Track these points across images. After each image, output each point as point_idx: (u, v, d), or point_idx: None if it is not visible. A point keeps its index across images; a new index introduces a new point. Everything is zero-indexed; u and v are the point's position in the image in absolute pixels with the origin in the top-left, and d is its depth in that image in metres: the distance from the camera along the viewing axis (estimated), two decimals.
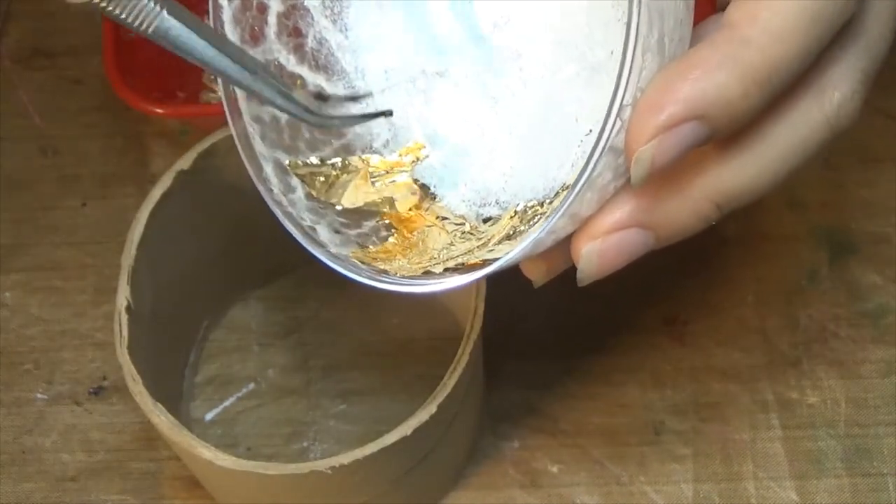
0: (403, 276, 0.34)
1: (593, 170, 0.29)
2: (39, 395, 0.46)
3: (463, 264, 0.34)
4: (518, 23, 0.36)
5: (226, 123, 0.35)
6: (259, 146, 0.36)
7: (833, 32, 0.30)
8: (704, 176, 0.31)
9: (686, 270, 0.48)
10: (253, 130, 0.36)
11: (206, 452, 0.36)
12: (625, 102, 0.28)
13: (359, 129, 0.37)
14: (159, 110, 0.48)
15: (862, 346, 0.46)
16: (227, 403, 0.46)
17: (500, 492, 0.43)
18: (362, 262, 0.35)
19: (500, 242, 0.35)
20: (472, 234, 0.36)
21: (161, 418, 0.37)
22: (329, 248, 0.35)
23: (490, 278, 0.38)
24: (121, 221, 0.49)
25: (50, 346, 0.47)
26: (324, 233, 0.35)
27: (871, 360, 0.45)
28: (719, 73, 0.28)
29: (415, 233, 0.36)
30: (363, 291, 0.47)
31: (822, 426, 0.44)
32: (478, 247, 0.35)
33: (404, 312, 0.47)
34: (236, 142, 0.35)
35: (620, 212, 0.31)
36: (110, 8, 0.26)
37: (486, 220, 0.36)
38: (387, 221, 0.36)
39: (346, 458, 0.35)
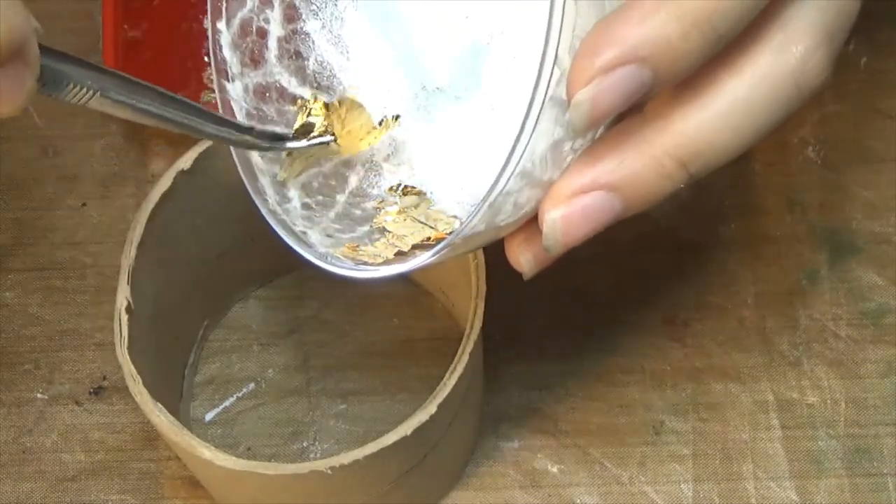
0: (379, 264, 0.34)
1: (537, 120, 0.28)
2: (39, 395, 0.46)
3: (429, 238, 0.34)
4: (513, 31, 0.36)
5: None
6: (257, 160, 0.36)
7: None
8: (665, 131, 0.30)
9: (686, 271, 0.48)
10: None
11: (206, 452, 0.36)
12: (561, 51, 0.28)
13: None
14: None
15: (862, 346, 0.46)
16: (227, 403, 0.46)
17: (500, 492, 0.43)
18: (345, 257, 0.35)
19: None
20: None
21: (161, 418, 0.37)
22: (318, 248, 0.35)
23: (490, 278, 0.39)
24: (121, 221, 0.49)
25: (50, 346, 0.47)
26: (315, 237, 0.35)
27: (871, 360, 0.45)
28: (658, 15, 0.28)
29: (408, 234, 0.36)
30: (363, 291, 0.47)
31: (822, 426, 0.44)
32: None
33: (404, 312, 0.47)
34: (234, 157, 0.35)
35: (582, 174, 0.30)
36: (50, 94, 0.28)
37: None
38: (381, 226, 0.36)
39: (346, 458, 0.35)
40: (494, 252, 0.37)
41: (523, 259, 0.33)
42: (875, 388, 0.45)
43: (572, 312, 0.47)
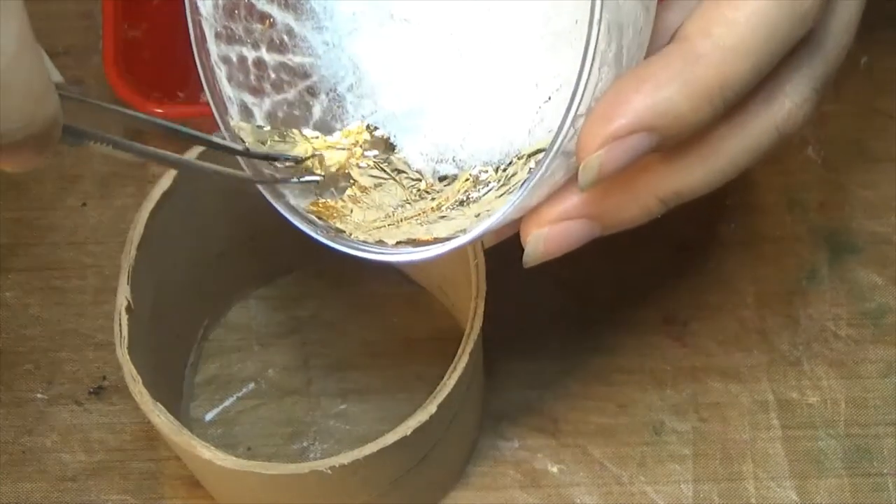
0: (358, 241, 0.34)
1: (545, 173, 0.29)
2: (39, 395, 0.46)
3: (414, 239, 0.34)
4: None
5: None
6: (226, 87, 0.36)
7: (788, 48, 0.30)
8: (653, 176, 0.32)
9: (686, 271, 0.48)
10: (220, 72, 0.36)
11: (206, 452, 0.36)
12: (579, 112, 0.29)
13: (324, 71, 0.38)
14: (159, 110, 0.48)
15: (862, 346, 0.46)
16: (227, 403, 0.46)
17: (500, 492, 0.43)
18: (319, 219, 0.35)
19: (452, 207, 0.35)
20: (427, 192, 0.36)
21: (161, 418, 0.37)
22: (288, 199, 0.35)
23: (490, 277, 0.39)
24: (121, 221, 0.49)
25: (50, 346, 0.47)
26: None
27: (871, 360, 0.45)
28: (669, 87, 0.29)
29: (371, 187, 0.36)
30: (363, 291, 0.47)
31: (822, 426, 0.44)
32: (432, 208, 0.35)
33: (404, 312, 0.47)
34: (203, 84, 0.35)
35: (568, 203, 0.32)
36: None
37: (441, 179, 0.36)
38: (346, 171, 0.37)
39: (346, 458, 0.35)
40: (494, 252, 0.37)
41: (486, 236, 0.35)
42: (875, 388, 0.45)
43: (572, 312, 0.47)
